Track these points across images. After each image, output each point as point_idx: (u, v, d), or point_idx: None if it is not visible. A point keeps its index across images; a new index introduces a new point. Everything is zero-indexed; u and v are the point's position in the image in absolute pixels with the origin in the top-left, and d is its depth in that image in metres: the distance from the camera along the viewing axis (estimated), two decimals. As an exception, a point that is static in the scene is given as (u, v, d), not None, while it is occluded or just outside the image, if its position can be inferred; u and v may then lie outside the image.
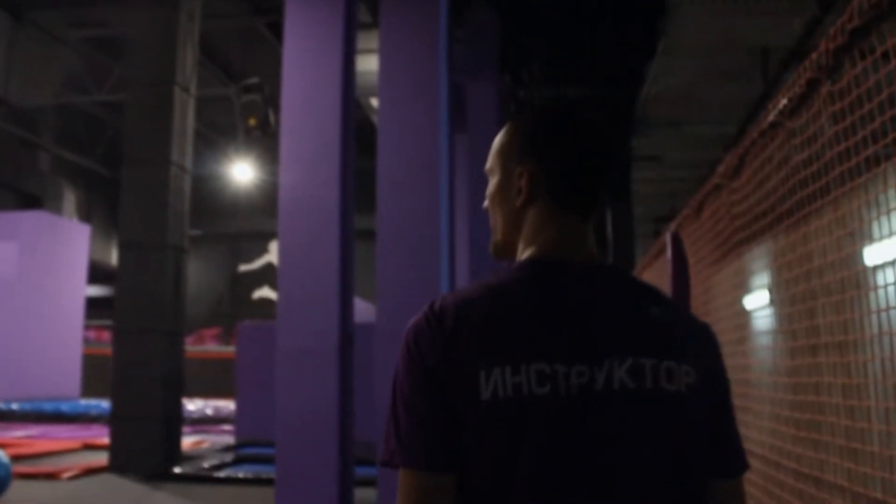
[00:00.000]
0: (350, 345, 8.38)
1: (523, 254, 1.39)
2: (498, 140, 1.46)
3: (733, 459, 1.33)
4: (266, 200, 35.13)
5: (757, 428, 2.97)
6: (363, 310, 15.07)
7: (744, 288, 3.09)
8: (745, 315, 3.13)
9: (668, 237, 3.57)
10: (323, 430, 7.98)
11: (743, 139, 2.52)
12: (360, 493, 8.63)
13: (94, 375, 29.68)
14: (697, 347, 1.32)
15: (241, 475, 11.08)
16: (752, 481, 2.96)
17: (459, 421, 1.22)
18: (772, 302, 2.79)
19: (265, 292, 37.32)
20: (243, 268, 38.37)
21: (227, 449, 14.71)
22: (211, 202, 35.91)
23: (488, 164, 1.47)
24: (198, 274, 35.72)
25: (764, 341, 2.93)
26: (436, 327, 1.29)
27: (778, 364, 2.73)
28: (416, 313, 1.37)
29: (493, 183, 1.45)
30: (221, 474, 11.18)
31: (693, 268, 3.48)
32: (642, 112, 17.13)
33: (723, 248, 2.99)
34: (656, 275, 4.29)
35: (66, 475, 11.10)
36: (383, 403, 1.59)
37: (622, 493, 1.20)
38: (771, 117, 2.25)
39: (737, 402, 3.14)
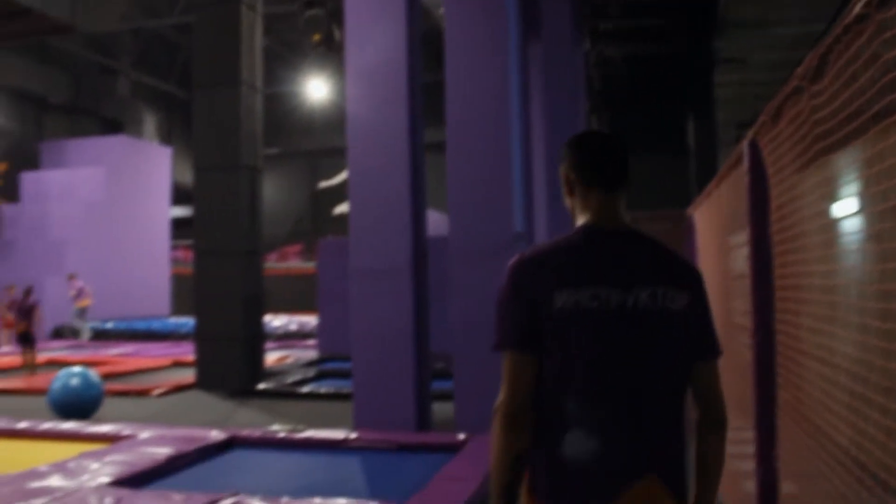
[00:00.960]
0: (424, 260, 8.32)
1: (578, 221, 2.17)
2: (561, 156, 2.25)
3: (709, 349, 2.12)
4: (342, 116, 35.15)
5: (842, 340, 2.79)
6: (439, 222, 15.02)
7: (829, 195, 2.88)
8: (830, 223, 2.92)
9: (744, 146, 3.34)
10: (399, 346, 8.00)
11: (825, 37, 2.30)
12: (438, 407, 8.68)
13: (183, 294, 30.55)
14: (689, 280, 2.11)
15: (322, 390, 11.28)
16: (837, 398, 2.79)
17: (540, 323, 2.00)
18: (861, 208, 2.57)
19: (345, 208, 37.57)
20: (323, 184, 38.61)
21: (310, 364, 14.99)
22: (288, 120, 36.10)
23: (560, 172, 2.26)
24: (278, 192, 36.17)
25: (851, 248, 2.73)
26: (527, 267, 2.07)
27: (866, 270, 2.53)
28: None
29: (562, 182, 2.24)
30: (304, 389, 11.40)
31: (773, 177, 3.26)
32: (725, 13, 16.35)
33: (805, 156, 2.77)
34: (733, 186, 4.07)
35: (155, 392, 11.46)
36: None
37: (641, 368, 2.00)
38: (857, 9, 2.01)
39: (822, 312, 2.95)
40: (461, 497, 5.39)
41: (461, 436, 7.40)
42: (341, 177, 38.07)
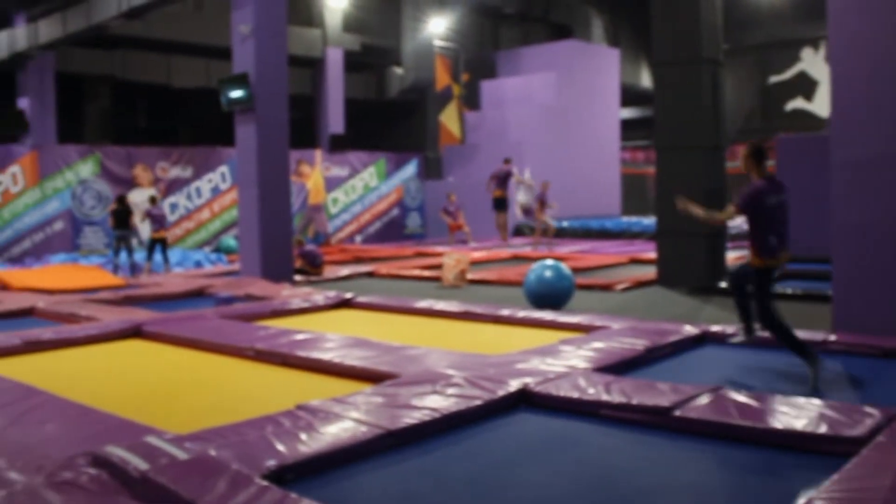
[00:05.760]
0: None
1: (755, 178, 6.37)
2: (747, 153, 6.48)
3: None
4: (795, 5, 32.70)
5: None
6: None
7: None
8: None
9: None
10: (888, 244, 7.36)
11: None
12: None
13: (631, 194, 31.05)
14: (785, 190, 6.38)
15: (788, 291, 10.80)
16: None
17: (757, 209, 6.27)
18: None
19: (799, 103, 35.33)
20: (774, 79, 36.57)
21: (770, 265, 14.42)
22: (735, 13, 34.44)
23: (743, 159, 6.54)
24: (727, 88, 34.93)
25: None
26: (758, 189, 6.25)
27: None
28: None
29: (745, 164, 6.47)
30: (768, 290, 10.98)
31: None
32: None
33: None
34: None
35: (619, 287, 11.82)
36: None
37: (783, 219, 6.34)
38: None
39: None
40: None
41: (961, 345, 6.66)
42: (794, 70, 35.73)
